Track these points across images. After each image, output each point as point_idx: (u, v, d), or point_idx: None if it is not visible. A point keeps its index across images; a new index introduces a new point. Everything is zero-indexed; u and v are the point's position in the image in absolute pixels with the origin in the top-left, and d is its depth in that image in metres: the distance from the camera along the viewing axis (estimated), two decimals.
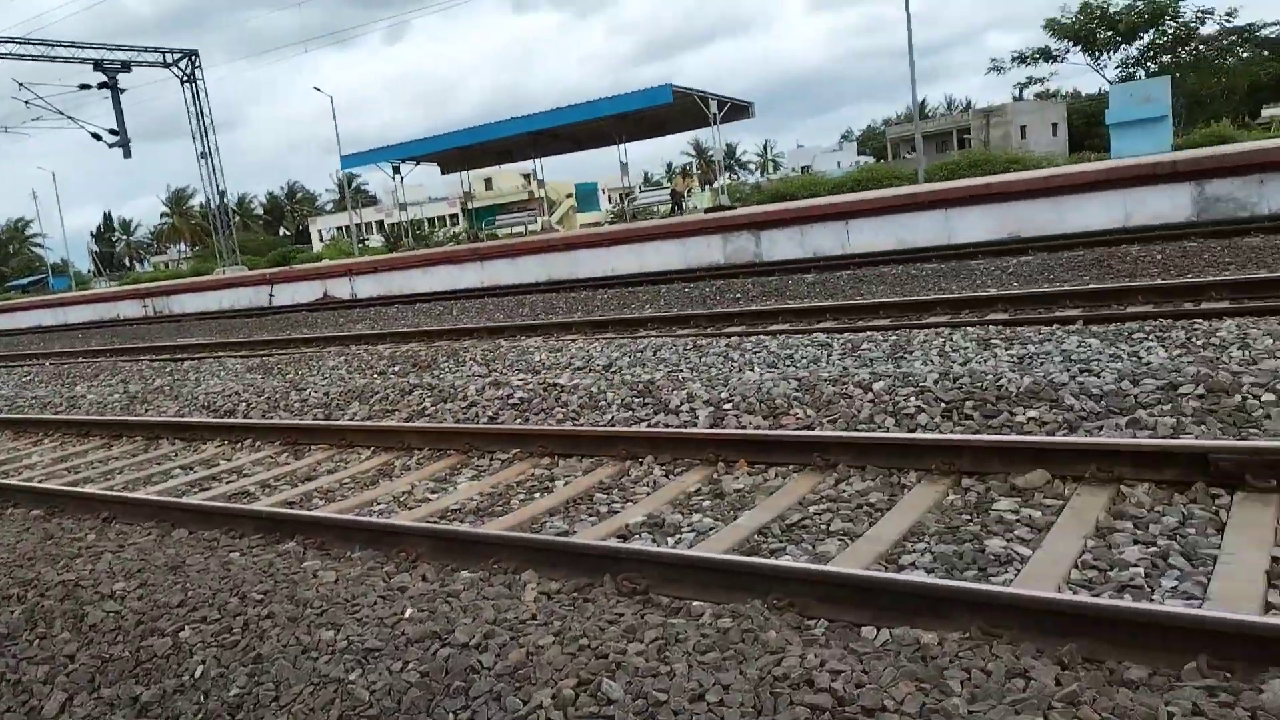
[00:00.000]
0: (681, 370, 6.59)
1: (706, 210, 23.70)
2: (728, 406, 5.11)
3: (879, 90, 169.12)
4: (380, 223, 59.78)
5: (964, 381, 4.68)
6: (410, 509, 4.48)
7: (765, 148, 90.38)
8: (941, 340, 6.23)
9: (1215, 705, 2.05)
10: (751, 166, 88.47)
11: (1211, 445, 3.36)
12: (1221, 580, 2.66)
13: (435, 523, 4.07)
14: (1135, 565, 2.84)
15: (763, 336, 7.26)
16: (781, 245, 16.16)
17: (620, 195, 36.74)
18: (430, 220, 56.52)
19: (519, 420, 5.73)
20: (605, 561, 3.21)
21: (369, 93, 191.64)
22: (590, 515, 4.10)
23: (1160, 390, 4.12)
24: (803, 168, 62.49)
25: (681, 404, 5.31)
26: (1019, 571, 2.92)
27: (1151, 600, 2.65)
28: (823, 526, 3.58)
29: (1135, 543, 3.01)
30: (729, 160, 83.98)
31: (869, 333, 6.90)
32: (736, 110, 25.52)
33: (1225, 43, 51.33)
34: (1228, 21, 47.82)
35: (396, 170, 30.57)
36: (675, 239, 17.40)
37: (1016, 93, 62.23)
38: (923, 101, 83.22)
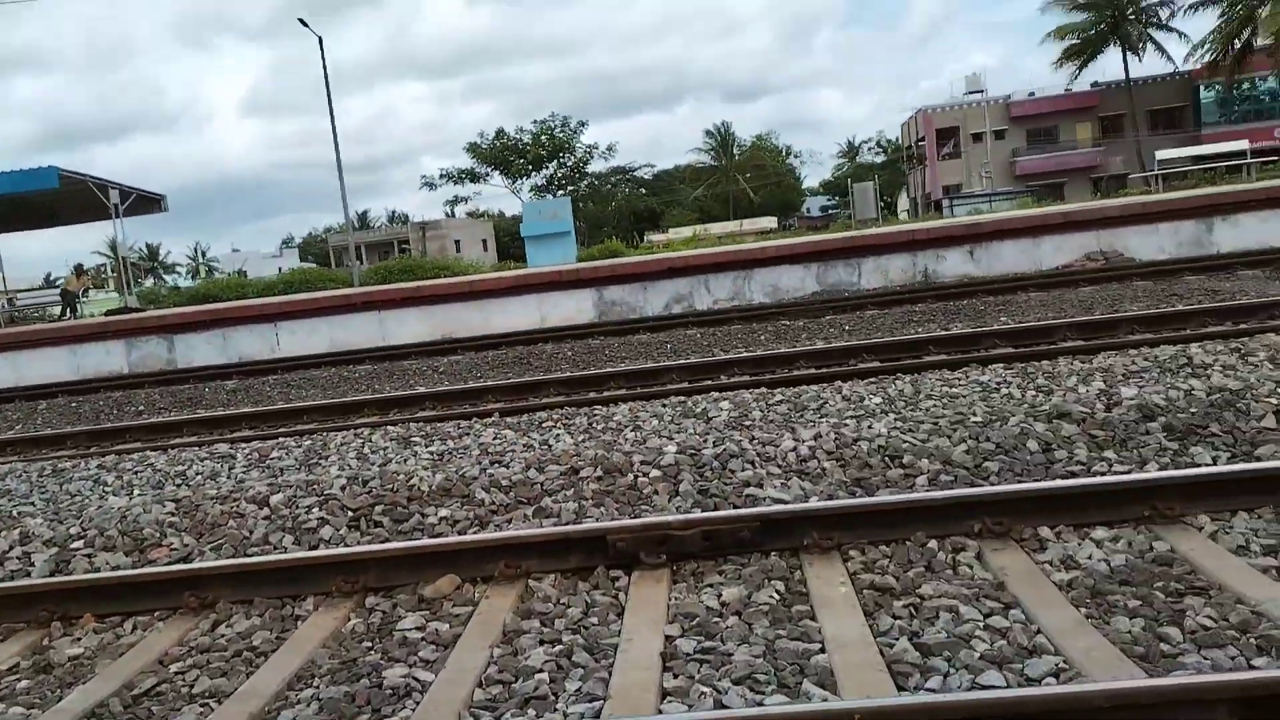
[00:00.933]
0: (31, 502, 5.13)
1: (107, 313, 20.56)
2: (77, 545, 3.96)
3: (320, 199, 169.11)
4: None
5: (374, 485, 4.22)
6: None
7: (197, 251, 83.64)
8: (360, 441, 5.77)
9: None
10: (180, 270, 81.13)
11: (609, 526, 3.33)
12: (621, 672, 2.50)
13: None
14: (541, 671, 2.57)
15: (150, 453, 6.06)
16: (201, 350, 14.52)
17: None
18: None
19: None
20: None
21: None
22: None
23: (563, 475, 4.10)
24: (239, 271, 58.75)
25: (10, 549, 4.00)
26: (418, 704, 2.47)
27: (555, 710, 2.38)
28: (184, 690, 2.77)
29: (541, 643, 2.76)
30: (152, 262, 76.00)
31: (281, 439, 6.15)
32: (146, 202, 22.81)
33: (612, 180, 61.55)
34: (608, 157, 57.34)
35: None
36: (65, 345, 14.63)
37: (449, 210, 66.88)
38: (365, 212, 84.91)
